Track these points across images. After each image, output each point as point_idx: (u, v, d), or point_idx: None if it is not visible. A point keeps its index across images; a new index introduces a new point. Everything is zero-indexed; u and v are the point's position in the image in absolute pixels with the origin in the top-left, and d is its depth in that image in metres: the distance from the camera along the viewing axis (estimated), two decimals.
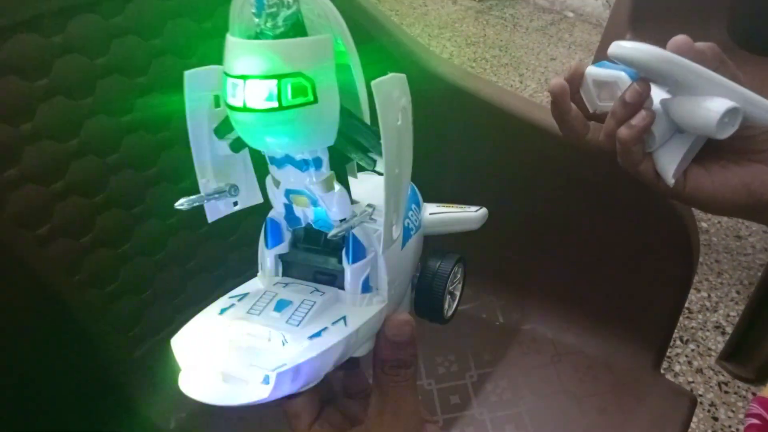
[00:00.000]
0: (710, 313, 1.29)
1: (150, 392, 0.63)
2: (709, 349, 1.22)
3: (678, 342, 1.23)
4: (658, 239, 0.60)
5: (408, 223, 0.35)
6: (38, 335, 0.55)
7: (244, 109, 0.25)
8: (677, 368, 1.18)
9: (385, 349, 0.32)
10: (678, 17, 1.30)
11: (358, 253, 0.31)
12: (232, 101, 0.26)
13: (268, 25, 0.25)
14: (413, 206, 0.37)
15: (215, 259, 0.66)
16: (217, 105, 0.30)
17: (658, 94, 0.40)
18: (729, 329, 1.24)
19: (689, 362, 1.19)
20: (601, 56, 1.33)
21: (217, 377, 0.27)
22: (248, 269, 0.35)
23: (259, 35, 0.25)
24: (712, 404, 1.12)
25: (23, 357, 0.54)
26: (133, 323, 0.62)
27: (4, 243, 0.50)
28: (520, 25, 2.47)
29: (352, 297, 0.31)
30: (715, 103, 0.36)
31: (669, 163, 0.40)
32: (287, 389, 0.26)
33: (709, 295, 1.33)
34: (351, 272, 0.31)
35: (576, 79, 0.44)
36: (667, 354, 1.20)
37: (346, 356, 0.30)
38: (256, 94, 0.25)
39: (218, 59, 0.27)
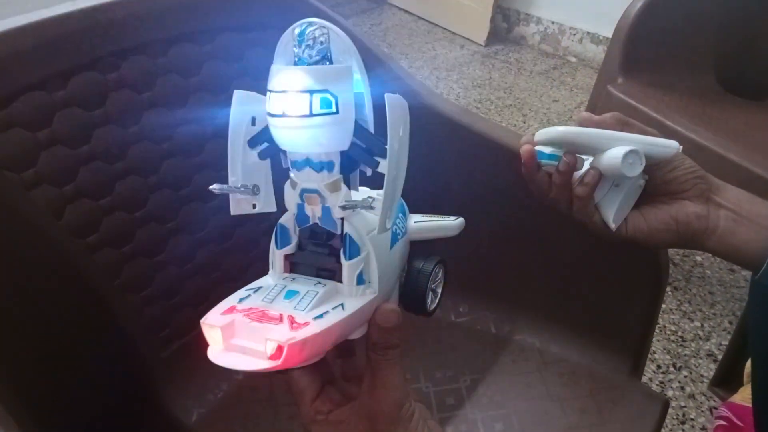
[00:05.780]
0: (703, 342, 1.35)
1: (175, 389, 0.70)
2: (702, 375, 1.27)
3: (671, 368, 1.28)
4: (629, 258, 0.67)
5: (396, 229, 0.40)
6: (83, 329, 0.62)
7: (283, 115, 0.32)
8: (670, 393, 1.23)
9: (375, 333, 0.37)
10: (666, 63, 1.38)
11: (354, 251, 0.36)
12: (273, 110, 0.32)
13: (305, 54, 0.33)
14: (400, 215, 0.41)
15: (237, 270, 0.74)
16: (253, 124, 0.37)
17: (589, 161, 0.49)
18: (721, 357, 1.29)
19: (682, 388, 1.24)
20: (596, 98, 1.42)
21: (239, 349, 0.32)
22: None
23: (297, 63, 0.33)
24: (703, 428, 1.16)
25: (68, 347, 0.61)
26: (163, 326, 0.69)
27: (62, 248, 0.58)
28: (524, 68, 2.58)
29: (349, 288, 0.36)
30: (615, 151, 0.46)
31: (609, 211, 0.49)
32: (296, 359, 0.30)
33: (702, 325, 1.39)
34: (347, 267, 0.36)
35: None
36: (661, 380, 1.25)
37: (344, 336, 0.35)
38: (293, 104, 0.32)
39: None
